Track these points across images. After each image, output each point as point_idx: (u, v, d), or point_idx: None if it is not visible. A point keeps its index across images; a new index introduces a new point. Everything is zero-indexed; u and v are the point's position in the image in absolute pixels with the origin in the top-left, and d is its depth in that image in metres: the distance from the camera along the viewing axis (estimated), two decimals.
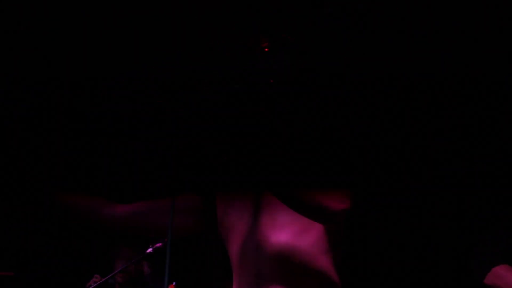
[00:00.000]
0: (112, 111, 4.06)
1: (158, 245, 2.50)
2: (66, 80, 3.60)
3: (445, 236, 4.16)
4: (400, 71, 3.64)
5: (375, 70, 3.71)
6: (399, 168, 4.64)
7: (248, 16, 3.37)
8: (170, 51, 3.52)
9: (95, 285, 2.51)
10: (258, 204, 1.65)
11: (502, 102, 3.50)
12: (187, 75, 3.40)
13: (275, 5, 3.24)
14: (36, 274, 4.11)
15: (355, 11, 3.14)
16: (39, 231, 4.23)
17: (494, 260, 2.42)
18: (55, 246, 4.33)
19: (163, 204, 1.95)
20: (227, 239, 1.70)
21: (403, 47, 3.37)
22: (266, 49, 3.92)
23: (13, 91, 3.52)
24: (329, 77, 3.70)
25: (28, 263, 4.11)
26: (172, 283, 3.18)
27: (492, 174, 3.83)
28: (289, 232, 1.55)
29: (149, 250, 2.52)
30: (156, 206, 1.97)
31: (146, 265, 3.63)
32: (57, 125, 4.00)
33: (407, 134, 4.17)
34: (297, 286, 1.50)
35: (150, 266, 3.66)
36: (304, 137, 1.69)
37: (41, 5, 2.93)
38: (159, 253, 2.50)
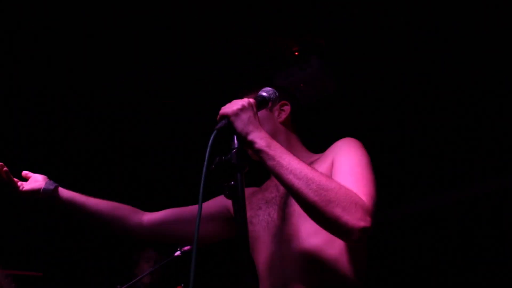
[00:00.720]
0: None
1: (186, 248, 2.49)
2: None
3: None
4: None
5: None
6: None
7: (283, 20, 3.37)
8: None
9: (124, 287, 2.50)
10: (283, 214, 1.63)
11: None
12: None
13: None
14: (64, 274, 4.14)
15: None
16: (68, 233, 4.26)
17: None
18: (82, 247, 4.36)
19: (189, 211, 1.95)
20: (253, 249, 1.68)
21: None
22: (296, 53, 3.89)
23: None
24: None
25: (57, 264, 4.14)
26: (180, 285, 3.17)
27: None
28: (314, 242, 1.53)
29: (178, 253, 2.51)
30: (182, 214, 1.98)
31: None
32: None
33: None
34: None
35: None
36: None
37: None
38: (187, 256, 2.49)
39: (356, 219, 1.31)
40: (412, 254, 4.59)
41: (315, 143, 1.91)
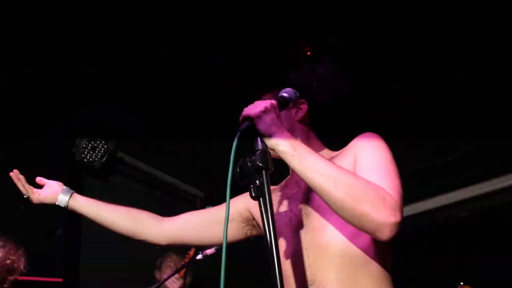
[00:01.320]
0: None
1: (208, 251, 2.49)
2: None
3: None
4: None
5: None
6: None
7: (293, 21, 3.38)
8: None
9: None
10: (306, 210, 1.64)
11: None
12: None
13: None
14: (83, 280, 4.16)
15: None
16: (87, 239, 4.29)
17: None
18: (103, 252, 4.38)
19: (209, 214, 1.96)
20: None
21: None
22: (308, 53, 3.89)
23: None
24: None
25: (76, 269, 4.17)
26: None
27: None
28: (339, 238, 1.54)
29: (199, 256, 2.51)
30: (202, 217, 1.99)
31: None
32: None
33: None
34: None
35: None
36: None
37: None
38: (209, 259, 2.50)
39: (386, 215, 1.32)
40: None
41: (330, 140, 1.92)
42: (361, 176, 1.43)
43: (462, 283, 3.37)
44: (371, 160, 1.53)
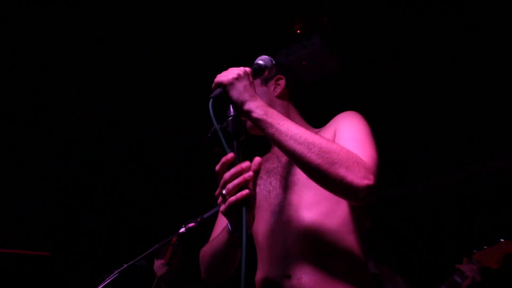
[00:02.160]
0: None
1: (191, 224, 2.49)
2: None
3: None
4: None
5: None
6: None
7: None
8: None
9: (125, 265, 2.50)
10: (285, 183, 1.63)
11: None
12: None
13: None
14: (71, 254, 4.18)
15: None
16: (76, 212, 4.30)
17: None
18: (90, 227, 4.40)
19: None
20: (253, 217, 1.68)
21: None
22: (298, 31, 3.86)
23: None
24: None
25: (64, 244, 4.18)
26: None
27: None
28: (316, 212, 1.53)
29: (182, 229, 2.51)
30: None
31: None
32: None
33: None
34: (326, 266, 1.47)
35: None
36: None
37: None
38: (192, 233, 2.49)
39: (360, 178, 1.32)
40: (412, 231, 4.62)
41: (316, 119, 1.90)
42: (336, 143, 1.43)
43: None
44: (348, 133, 1.52)
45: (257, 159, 1.28)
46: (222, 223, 1.77)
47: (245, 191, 1.23)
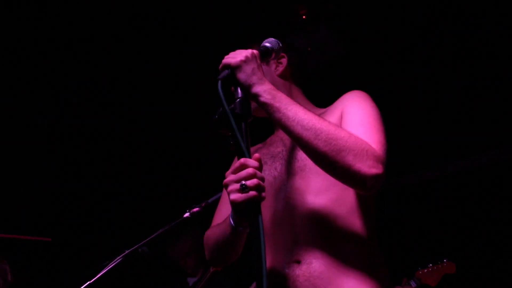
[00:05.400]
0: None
1: (195, 209, 2.46)
2: None
3: None
4: None
5: None
6: None
7: None
8: None
9: (127, 251, 2.48)
10: (291, 169, 1.59)
11: None
12: None
13: None
14: (72, 240, 4.18)
15: None
16: (78, 198, 4.29)
17: None
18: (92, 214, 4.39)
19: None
20: None
21: None
22: (304, 17, 3.83)
23: None
24: None
25: (66, 229, 4.18)
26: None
27: None
28: (326, 198, 1.50)
29: (187, 214, 2.49)
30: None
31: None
32: None
33: None
34: (337, 251, 1.44)
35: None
36: None
37: None
38: (196, 218, 2.47)
39: (368, 166, 1.30)
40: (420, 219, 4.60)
41: (318, 99, 1.87)
42: (344, 129, 1.39)
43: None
44: (357, 116, 1.49)
45: (256, 156, 1.27)
46: (224, 208, 1.74)
47: (264, 194, 1.23)
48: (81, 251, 4.13)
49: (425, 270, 3.63)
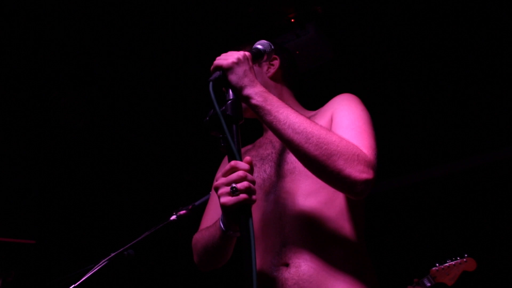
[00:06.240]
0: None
1: (182, 212, 2.45)
2: None
3: None
4: None
5: None
6: None
7: None
8: None
9: (113, 254, 2.45)
10: (281, 171, 1.58)
11: None
12: None
13: None
14: (57, 242, 4.13)
15: None
16: (62, 200, 4.24)
17: None
18: (77, 216, 4.34)
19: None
20: None
21: None
22: (292, 20, 3.83)
23: None
24: None
25: (50, 232, 4.12)
26: None
27: None
28: (315, 200, 1.49)
29: (173, 217, 2.47)
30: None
31: None
32: None
33: None
34: (325, 254, 1.44)
35: None
36: None
37: None
38: (183, 221, 2.45)
39: (359, 171, 1.30)
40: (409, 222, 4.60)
41: (307, 102, 1.87)
42: (335, 133, 1.39)
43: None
44: (347, 119, 1.48)
45: (247, 159, 1.26)
46: (212, 211, 1.72)
47: (255, 197, 1.23)
48: (66, 254, 4.08)
49: (442, 267, 3.24)
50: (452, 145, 4.51)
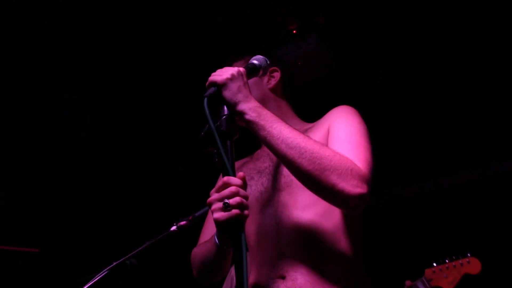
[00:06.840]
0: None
1: (182, 223, 2.45)
2: None
3: None
4: None
5: None
6: None
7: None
8: None
9: (115, 263, 2.46)
10: (278, 184, 1.59)
11: None
12: None
13: None
14: (60, 251, 4.15)
15: None
16: (66, 209, 4.26)
17: None
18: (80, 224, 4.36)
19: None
20: None
21: None
22: (294, 31, 3.85)
23: None
24: None
25: (53, 240, 4.14)
26: None
27: None
28: (312, 213, 1.50)
29: (174, 228, 2.47)
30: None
31: None
32: None
33: None
34: (322, 268, 1.44)
35: None
36: None
37: None
38: (183, 231, 2.46)
39: (352, 186, 1.30)
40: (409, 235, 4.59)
41: (307, 114, 1.88)
42: (331, 147, 1.40)
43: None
44: (343, 132, 1.49)
45: (240, 175, 1.27)
46: (210, 225, 1.74)
47: (247, 212, 1.23)
48: (68, 262, 4.10)
49: (439, 268, 2.74)
50: (449, 158, 4.53)
